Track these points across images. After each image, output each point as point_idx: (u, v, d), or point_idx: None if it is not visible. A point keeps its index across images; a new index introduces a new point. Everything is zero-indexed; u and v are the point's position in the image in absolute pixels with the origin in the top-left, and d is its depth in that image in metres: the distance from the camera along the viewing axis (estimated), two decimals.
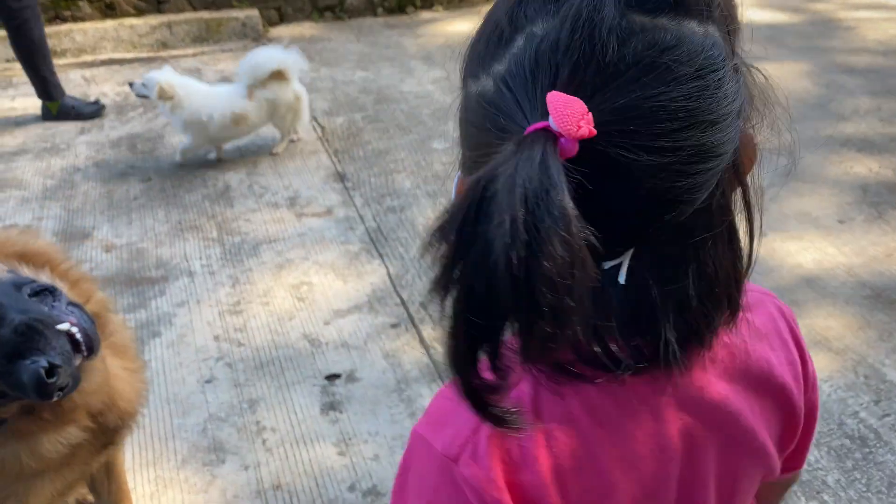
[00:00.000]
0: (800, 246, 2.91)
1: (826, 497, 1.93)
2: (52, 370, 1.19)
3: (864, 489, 1.95)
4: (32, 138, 4.09)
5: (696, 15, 0.56)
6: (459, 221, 0.50)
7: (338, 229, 3.16)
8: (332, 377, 2.37)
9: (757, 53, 0.65)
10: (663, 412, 0.67)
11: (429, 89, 4.51)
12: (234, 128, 3.60)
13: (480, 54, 0.60)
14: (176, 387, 2.36)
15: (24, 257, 1.43)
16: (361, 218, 3.23)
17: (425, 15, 5.86)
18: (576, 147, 0.51)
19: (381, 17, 5.85)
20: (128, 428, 1.58)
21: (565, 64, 0.53)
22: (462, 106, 0.62)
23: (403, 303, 2.68)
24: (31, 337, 1.22)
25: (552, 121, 0.51)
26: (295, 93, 3.66)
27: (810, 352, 0.79)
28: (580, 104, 0.51)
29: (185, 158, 3.73)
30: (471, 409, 0.55)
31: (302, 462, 2.08)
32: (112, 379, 1.48)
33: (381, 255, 2.96)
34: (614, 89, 0.53)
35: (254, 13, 5.51)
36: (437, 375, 2.35)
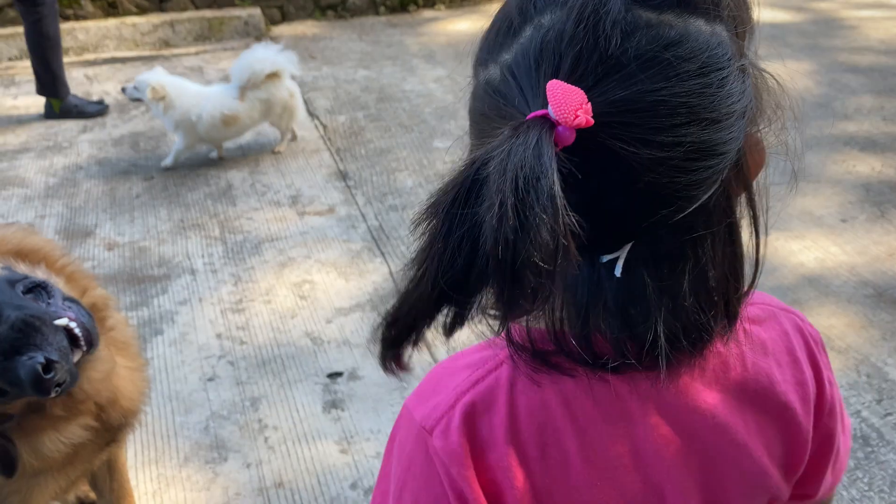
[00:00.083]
0: (802, 245, 2.91)
1: None
2: (49, 366, 1.19)
3: (866, 488, 1.95)
4: (35, 137, 4.09)
5: (703, 13, 0.56)
6: (451, 199, 0.51)
7: (340, 228, 3.16)
8: (333, 375, 2.37)
9: (759, 52, 0.64)
10: (642, 416, 0.66)
11: (431, 88, 4.51)
12: (223, 128, 3.58)
13: (490, 44, 0.61)
14: (178, 385, 2.36)
15: (20, 254, 1.43)
16: (363, 216, 3.23)
17: (427, 14, 5.86)
18: (573, 136, 0.51)
19: (383, 15, 5.85)
20: (130, 426, 1.59)
21: (568, 54, 0.54)
22: (471, 95, 0.63)
23: None
24: (28, 333, 1.22)
25: (550, 109, 0.51)
26: (289, 90, 3.65)
27: None
28: (579, 93, 0.51)
29: (177, 161, 3.70)
30: (386, 348, 0.58)
31: (304, 460, 2.08)
32: (114, 377, 1.48)
33: (382, 254, 2.97)
34: (616, 81, 0.53)
35: (256, 12, 5.52)
36: None
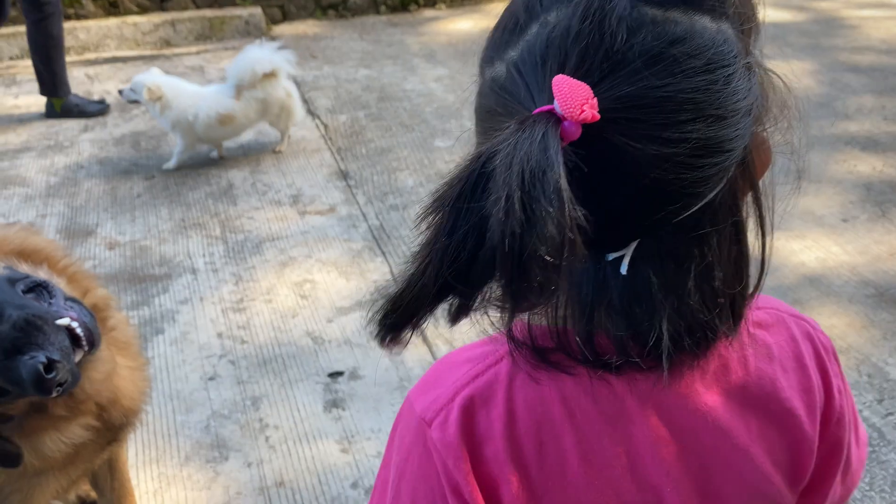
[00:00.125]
0: (803, 245, 2.91)
1: None
2: (50, 365, 1.19)
3: (867, 488, 1.94)
4: (36, 136, 4.09)
5: (709, 11, 0.57)
6: (457, 193, 0.51)
7: (340, 227, 3.16)
8: (334, 374, 2.37)
9: (762, 52, 0.65)
10: (641, 417, 0.66)
11: (431, 87, 4.51)
12: (220, 128, 3.57)
13: (497, 42, 0.61)
14: (179, 384, 2.36)
15: (23, 254, 1.43)
16: (364, 216, 3.23)
17: (428, 13, 5.86)
18: (579, 130, 0.51)
19: (383, 15, 5.85)
20: (131, 425, 1.58)
21: (574, 50, 0.54)
22: (477, 93, 0.63)
23: None
24: (30, 333, 1.22)
25: (556, 104, 0.51)
26: (285, 90, 3.64)
27: None
28: (585, 88, 0.51)
29: (180, 162, 3.70)
30: (384, 328, 0.56)
31: (305, 459, 2.08)
32: (115, 377, 1.48)
33: (383, 253, 2.97)
34: (621, 77, 0.53)
35: (257, 11, 5.52)
36: None
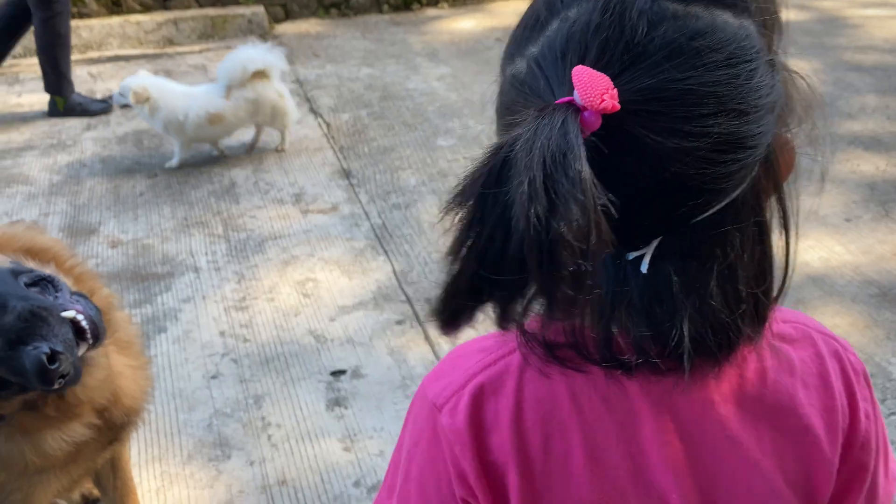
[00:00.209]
0: (806, 244, 2.90)
1: None
2: (53, 356, 1.18)
3: None
4: (39, 134, 4.10)
5: (731, 7, 0.57)
6: (480, 185, 0.51)
7: (343, 226, 3.16)
8: (337, 373, 2.37)
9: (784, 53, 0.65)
10: (652, 420, 0.65)
11: (434, 86, 4.51)
12: (210, 127, 3.56)
13: (518, 39, 0.61)
14: (181, 382, 2.36)
15: (30, 252, 1.44)
16: (367, 214, 3.23)
17: (431, 12, 5.86)
18: (599, 121, 0.51)
19: (386, 14, 5.85)
20: (133, 424, 1.58)
21: (594, 43, 0.54)
22: (498, 92, 0.63)
23: (408, 299, 2.68)
24: (35, 324, 1.21)
25: (576, 94, 0.51)
26: (277, 91, 3.62)
27: None
28: (605, 79, 0.51)
29: (183, 161, 3.69)
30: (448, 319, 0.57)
31: (307, 458, 2.08)
32: (116, 376, 1.48)
33: (386, 252, 2.97)
34: (642, 70, 0.53)
35: (259, 10, 5.52)
36: None
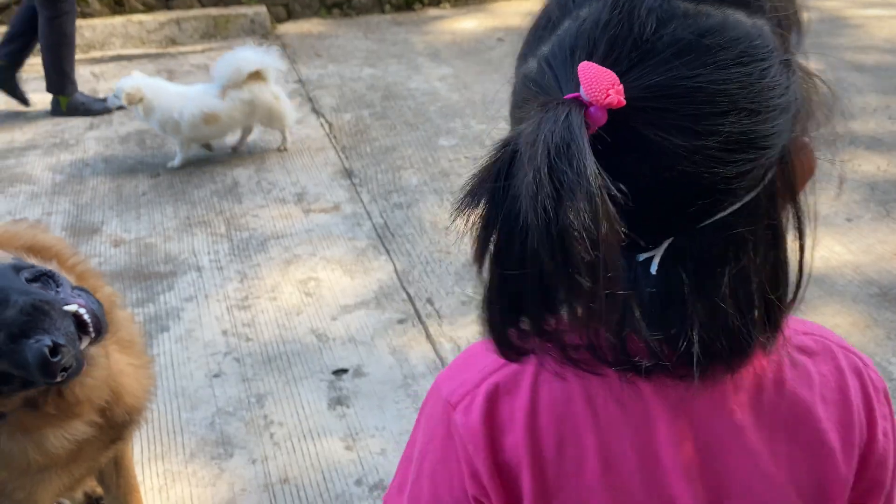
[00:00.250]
0: (807, 244, 2.91)
1: None
2: (56, 349, 1.18)
3: None
4: (42, 134, 4.11)
5: (744, 6, 0.56)
6: (489, 182, 0.52)
7: (345, 225, 3.17)
8: (339, 372, 2.38)
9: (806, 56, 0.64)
10: (667, 426, 0.64)
11: (436, 86, 4.51)
12: (205, 126, 3.56)
13: (530, 40, 0.61)
14: (184, 381, 2.37)
15: (32, 250, 1.44)
16: (368, 214, 3.24)
17: (432, 12, 5.86)
18: (605, 116, 0.51)
19: (388, 13, 5.86)
20: (135, 423, 1.58)
21: (602, 40, 0.54)
22: (511, 92, 0.63)
23: (410, 299, 2.69)
24: (37, 317, 1.21)
25: (582, 89, 0.51)
26: (273, 93, 3.63)
27: None
28: (610, 74, 0.51)
29: (185, 160, 3.70)
30: (506, 356, 0.59)
31: (309, 456, 2.09)
32: (118, 375, 1.48)
33: (387, 251, 2.97)
34: (650, 67, 0.53)
35: (262, 10, 5.53)
36: None
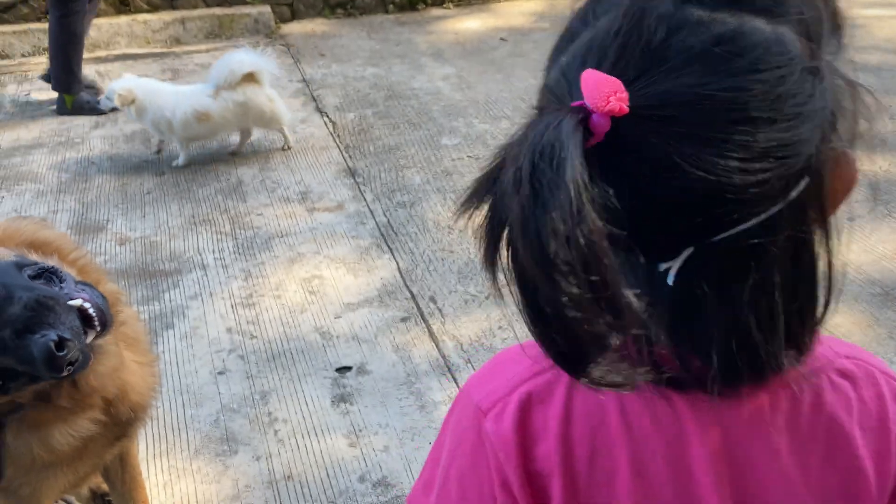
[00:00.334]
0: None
1: None
2: (61, 344, 1.19)
3: None
4: (47, 132, 4.13)
5: (763, 13, 0.55)
6: (488, 184, 0.53)
7: (349, 224, 3.19)
8: (342, 370, 2.40)
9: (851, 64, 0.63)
10: (701, 443, 0.63)
11: (439, 86, 4.53)
12: (198, 125, 3.58)
13: (554, 52, 0.61)
14: (189, 378, 2.39)
15: (33, 245, 1.44)
16: (372, 213, 3.26)
17: (436, 12, 5.88)
18: (608, 123, 0.51)
19: (392, 14, 5.87)
20: (140, 421, 1.59)
21: (612, 48, 0.54)
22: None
23: (413, 297, 2.71)
24: (41, 313, 1.22)
25: (584, 97, 0.51)
26: (268, 96, 3.64)
27: None
28: (614, 81, 0.51)
29: (189, 159, 3.73)
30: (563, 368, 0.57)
31: (313, 453, 2.11)
32: (124, 372, 1.49)
33: (391, 250, 2.99)
34: (659, 75, 0.52)
35: (266, 10, 5.54)
36: (447, 369, 2.37)
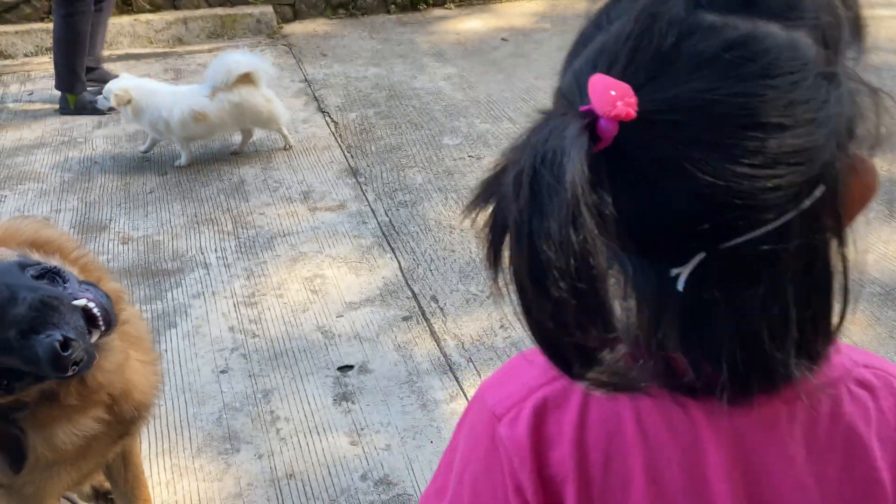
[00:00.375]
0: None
1: None
2: (66, 343, 1.19)
3: None
4: (50, 132, 4.14)
5: (778, 18, 0.54)
6: (488, 188, 0.53)
7: (350, 223, 3.20)
8: (344, 368, 2.41)
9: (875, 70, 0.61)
10: (716, 452, 0.63)
11: (440, 86, 4.54)
12: (195, 125, 3.59)
13: (569, 56, 0.61)
14: (191, 377, 2.40)
15: (35, 245, 1.45)
16: (374, 212, 3.26)
17: (437, 12, 5.88)
18: (615, 128, 0.51)
19: (393, 14, 5.88)
20: (142, 419, 1.60)
21: (623, 52, 0.54)
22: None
23: (415, 296, 2.71)
24: (46, 313, 1.22)
25: (591, 101, 0.51)
26: (265, 96, 3.65)
27: None
28: (622, 86, 0.51)
29: (191, 158, 3.74)
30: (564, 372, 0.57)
31: (315, 451, 2.12)
32: (127, 370, 1.50)
33: (392, 249, 3.00)
34: (668, 79, 0.52)
35: (268, 10, 5.55)
36: (448, 368, 2.38)
